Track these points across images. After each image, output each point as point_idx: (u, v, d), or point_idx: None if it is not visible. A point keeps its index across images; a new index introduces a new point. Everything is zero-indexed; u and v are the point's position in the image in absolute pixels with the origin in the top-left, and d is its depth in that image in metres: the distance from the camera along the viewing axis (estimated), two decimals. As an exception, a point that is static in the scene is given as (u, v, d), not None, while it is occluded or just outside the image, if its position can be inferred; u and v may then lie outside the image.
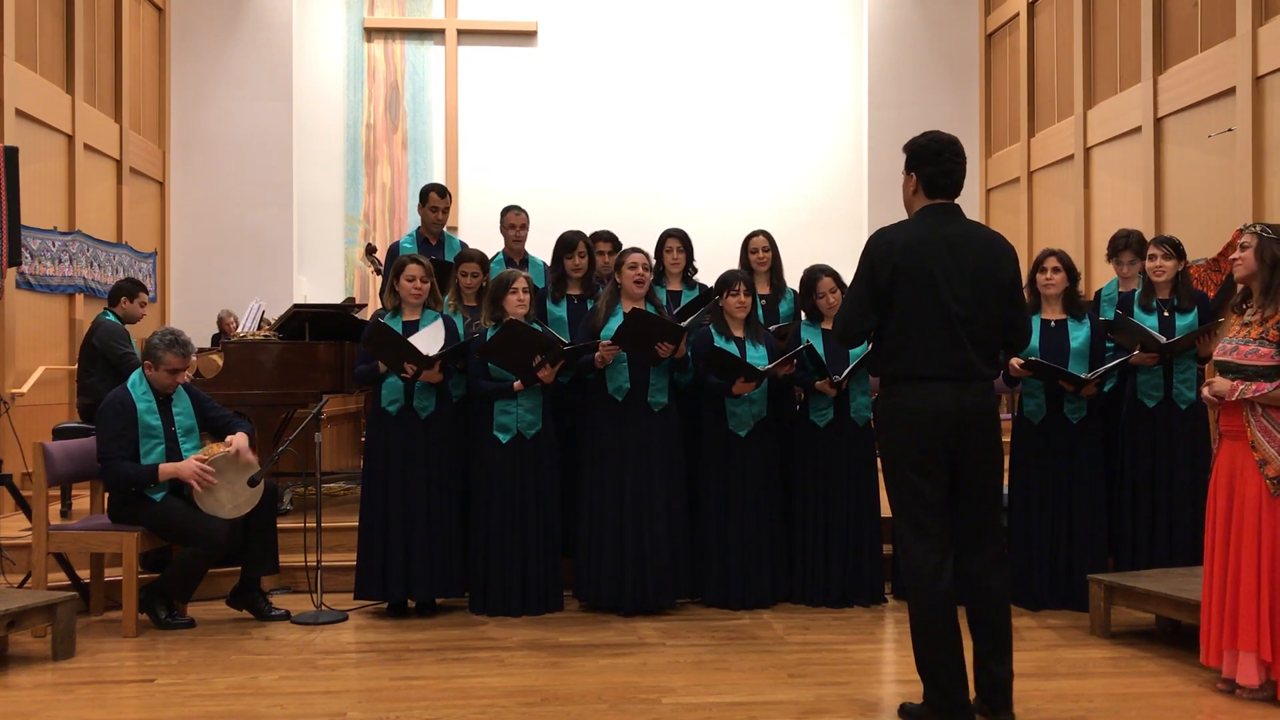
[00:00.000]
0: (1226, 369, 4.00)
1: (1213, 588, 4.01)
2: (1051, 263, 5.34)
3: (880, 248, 3.58)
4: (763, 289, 5.93)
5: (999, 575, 3.62)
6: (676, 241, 5.93)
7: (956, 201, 3.65)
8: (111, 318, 6.95)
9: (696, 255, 6.08)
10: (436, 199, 6.49)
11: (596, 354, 5.26)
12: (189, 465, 5.06)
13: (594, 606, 5.36)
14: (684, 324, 5.25)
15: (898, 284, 3.52)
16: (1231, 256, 4.16)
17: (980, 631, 3.60)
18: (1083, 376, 5.15)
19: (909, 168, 3.65)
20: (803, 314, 5.64)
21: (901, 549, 3.61)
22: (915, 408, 3.52)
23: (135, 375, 5.25)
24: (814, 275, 5.54)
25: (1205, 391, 4.07)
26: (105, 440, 5.08)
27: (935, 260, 3.51)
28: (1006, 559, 3.82)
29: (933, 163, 3.59)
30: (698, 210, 11.60)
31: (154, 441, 5.12)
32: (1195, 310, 5.33)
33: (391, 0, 12.35)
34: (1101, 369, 5.21)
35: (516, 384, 5.25)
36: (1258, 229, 4.00)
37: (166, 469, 5.07)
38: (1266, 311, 3.94)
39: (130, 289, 7.08)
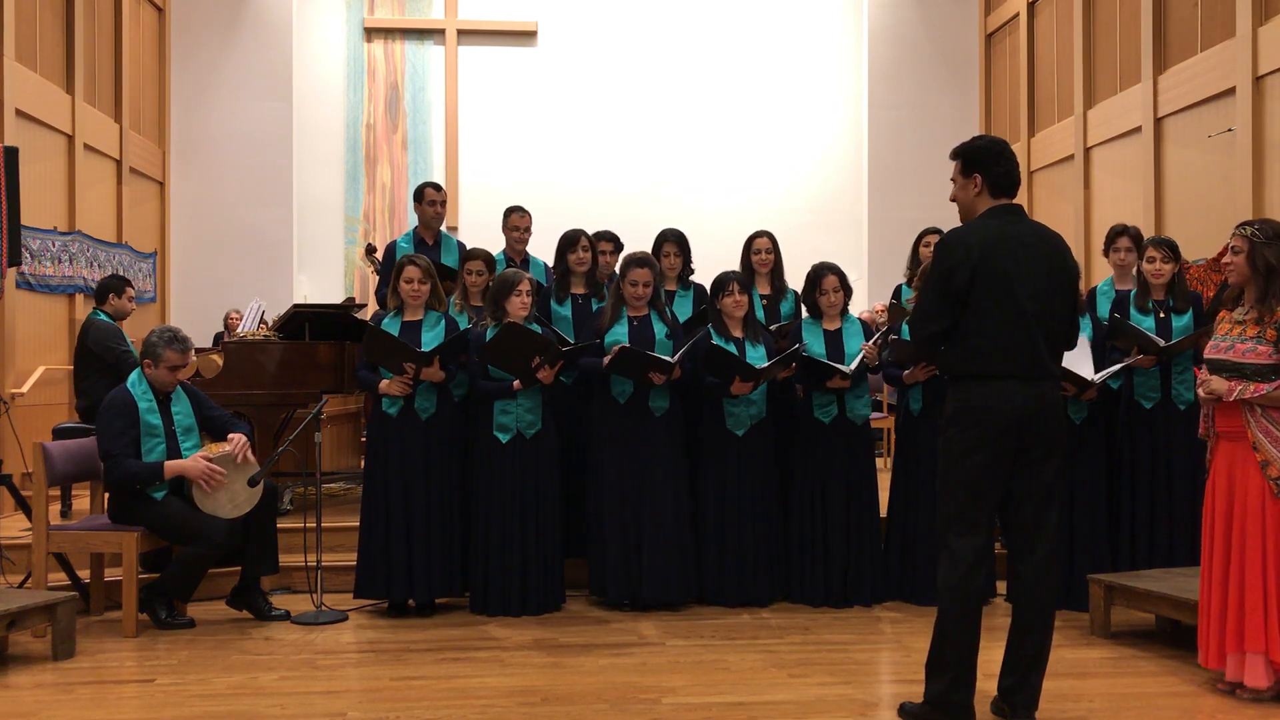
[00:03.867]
0: (1221, 367, 3.98)
1: (1212, 589, 4.00)
2: None
3: (957, 249, 3.56)
4: (763, 289, 5.93)
5: (1051, 576, 3.63)
6: (673, 246, 5.94)
7: (1018, 201, 3.68)
8: (102, 317, 6.92)
9: (696, 255, 6.09)
10: (433, 194, 6.48)
11: (606, 359, 5.28)
12: (197, 464, 5.06)
13: (606, 604, 5.39)
14: (674, 359, 5.25)
15: (975, 284, 3.52)
16: (1224, 261, 4.14)
17: (1024, 631, 3.61)
18: (1088, 379, 5.16)
19: (971, 170, 3.66)
20: (804, 311, 5.66)
21: (944, 542, 3.61)
22: (989, 406, 3.52)
23: (134, 375, 5.25)
24: (819, 272, 5.55)
25: (1201, 391, 4.05)
26: (109, 438, 5.07)
27: (1011, 260, 3.53)
28: (1059, 561, 3.81)
29: (999, 163, 3.63)
30: (697, 210, 11.62)
31: (155, 440, 5.12)
32: (1191, 311, 5.33)
33: (391, 0, 12.36)
34: (1104, 373, 5.22)
35: (515, 383, 5.26)
36: (1248, 231, 3.95)
37: (172, 466, 5.07)
38: (1264, 311, 3.92)
39: (117, 285, 7.04)
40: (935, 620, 3.61)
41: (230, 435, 5.22)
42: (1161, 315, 5.34)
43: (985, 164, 3.64)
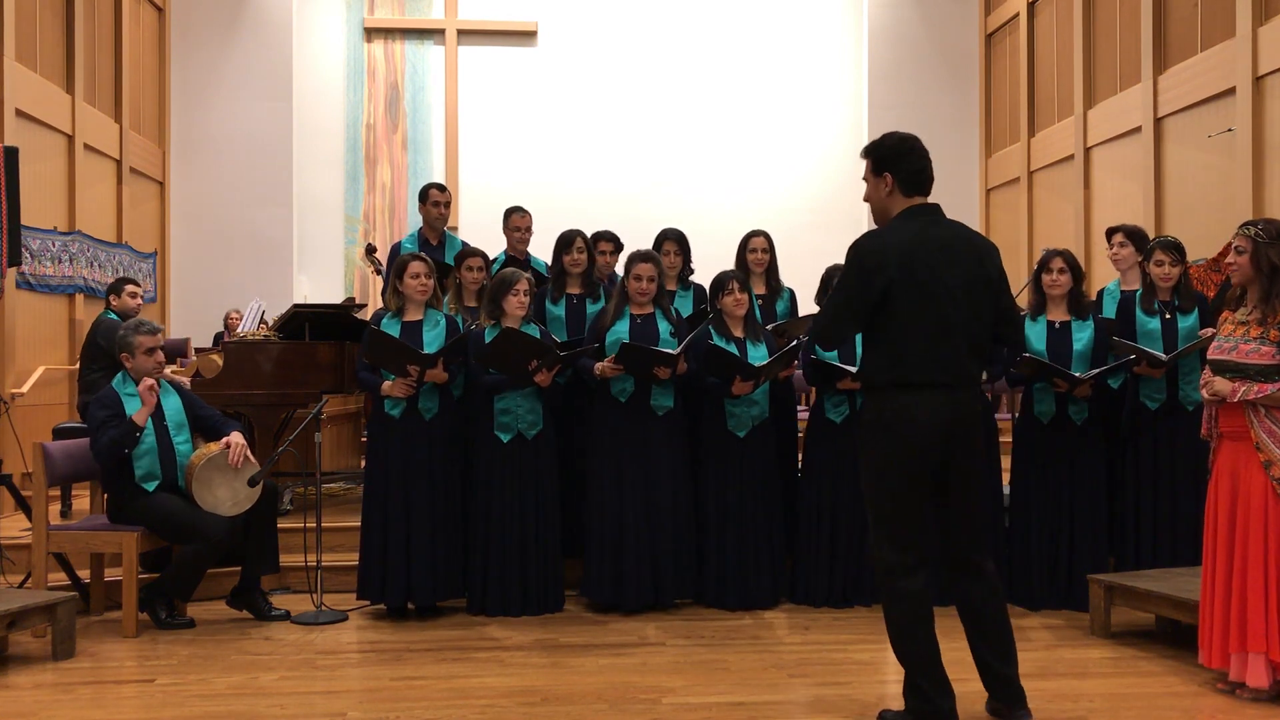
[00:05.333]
0: (1224, 368, 3.98)
1: (1215, 589, 4.00)
2: (1058, 264, 5.35)
3: (873, 255, 3.46)
4: (759, 289, 5.93)
5: (991, 580, 3.58)
6: (673, 245, 5.96)
7: (934, 201, 3.61)
8: (112, 316, 7.04)
9: (696, 255, 6.10)
10: (437, 194, 6.51)
11: (598, 366, 5.28)
12: (143, 387, 5.12)
13: (599, 606, 5.37)
14: (677, 350, 5.25)
15: (894, 292, 3.43)
16: (1226, 261, 4.13)
17: (982, 640, 3.58)
18: (1078, 376, 5.16)
19: (881, 169, 3.56)
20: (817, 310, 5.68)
21: (877, 555, 3.56)
22: (911, 416, 3.44)
23: (119, 375, 5.26)
24: (831, 274, 5.59)
25: (1205, 392, 4.06)
26: (96, 424, 5.09)
27: (931, 266, 3.44)
28: (1000, 567, 3.76)
29: (908, 160, 3.54)
30: (697, 210, 11.61)
31: (144, 433, 5.12)
32: (1196, 311, 5.33)
33: (391, 0, 12.36)
34: (1097, 370, 5.21)
35: None
36: (1252, 231, 3.95)
37: (140, 414, 5.09)
38: (1267, 312, 3.91)
39: (117, 286, 7.25)
40: (888, 634, 3.56)
41: (226, 440, 5.21)
42: (1167, 316, 5.33)
43: (893, 162, 3.55)
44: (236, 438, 5.20)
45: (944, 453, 3.48)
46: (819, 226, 12.08)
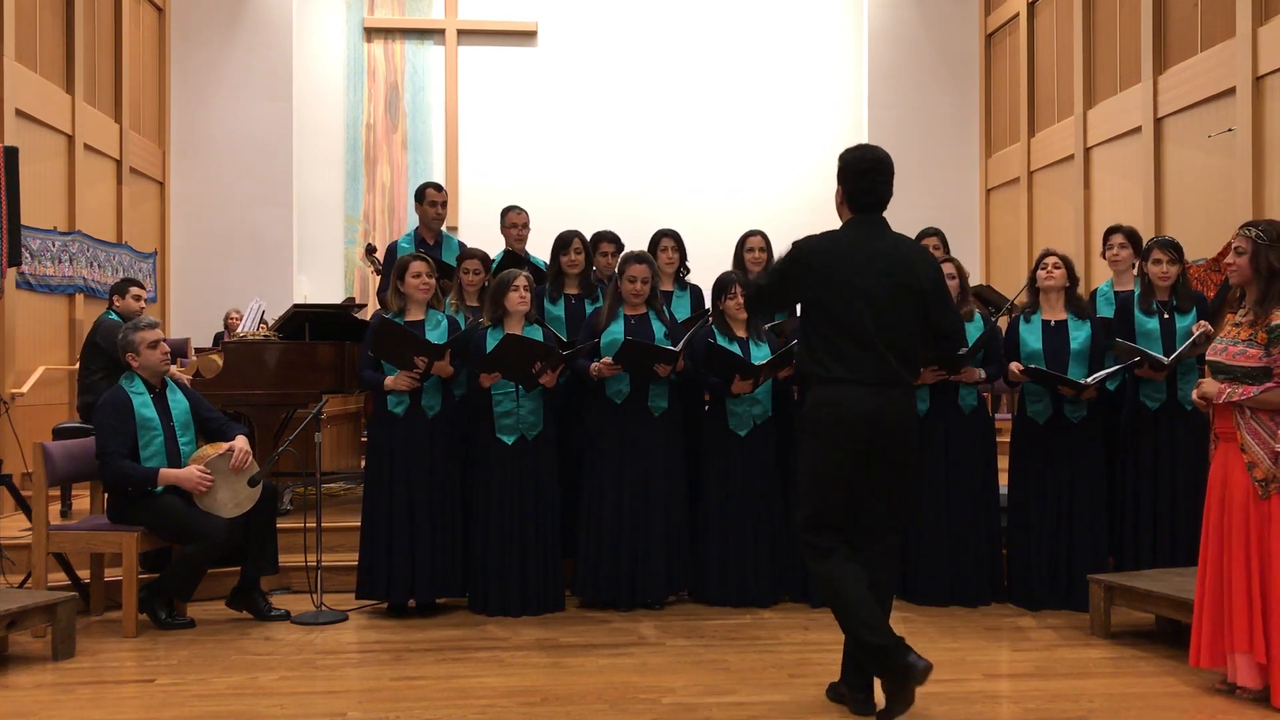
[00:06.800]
0: (1217, 369, 4.00)
1: (1205, 590, 4.01)
2: (1052, 260, 5.39)
3: (807, 254, 3.77)
4: (758, 289, 5.93)
5: (889, 568, 3.82)
6: (671, 241, 5.98)
7: (883, 215, 3.81)
8: (114, 316, 7.03)
9: (696, 255, 6.10)
10: (434, 194, 6.52)
11: (593, 366, 5.29)
12: (190, 473, 5.06)
13: (590, 603, 5.38)
14: (677, 347, 5.26)
15: (816, 291, 3.70)
16: (1225, 261, 4.14)
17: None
18: (1082, 382, 5.16)
19: (838, 179, 3.83)
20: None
21: (803, 540, 3.76)
22: (838, 411, 3.66)
23: (126, 375, 5.25)
24: None
25: (1194, 394, 4.08)
26: (104, 436, 5.08)
27: (855, 272, 3.67)
28: (898, 554, 3.96)
29: (859, 180, 3.77)
30: (697, 210, 11.61)
31: (152, 434, 5.12)
32: (1194, 311, 5.33)
33: (391, 0, 12.36)
34: (1101, 374, 5.21)
35: None
36: (1253, 233, 3.95)
37: (167, 475, 5.06)
38: (1260, 314, 3.92)
39: (120, 287, 7.23)
40: (832, 612, 3.70)
41: (232, 445, 5.20)
42: (1165, 316, 5.33)
43: (847, 178, 3.80)
44: (241, 443, 5.20)
45: (870, 444, 3.67)
46: (819, 226, 11.69)
